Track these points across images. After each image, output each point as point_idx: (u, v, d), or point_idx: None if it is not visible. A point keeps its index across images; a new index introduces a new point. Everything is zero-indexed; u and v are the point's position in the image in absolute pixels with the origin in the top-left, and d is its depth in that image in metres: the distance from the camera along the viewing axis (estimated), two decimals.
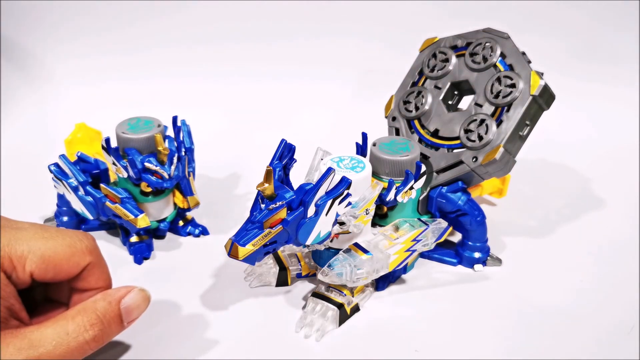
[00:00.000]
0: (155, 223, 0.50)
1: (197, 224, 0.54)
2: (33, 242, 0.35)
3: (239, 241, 0.39)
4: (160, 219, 0.51)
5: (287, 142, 0.43)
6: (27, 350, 0.32)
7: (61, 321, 0.34)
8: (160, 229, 0.51)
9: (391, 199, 0.45)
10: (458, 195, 0.48)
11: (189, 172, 0.51)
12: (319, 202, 0.40)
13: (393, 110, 0.52)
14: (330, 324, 0.43)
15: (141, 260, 0.50)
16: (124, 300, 0.36)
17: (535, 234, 0.55)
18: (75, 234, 0.37)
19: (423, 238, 0.44)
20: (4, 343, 0.32)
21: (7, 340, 0.32)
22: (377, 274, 0.42)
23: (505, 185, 0.57)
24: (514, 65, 0.47)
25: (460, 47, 0.51)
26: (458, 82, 0.50)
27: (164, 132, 0.49)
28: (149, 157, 0.47)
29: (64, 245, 0.35)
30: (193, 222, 0.54)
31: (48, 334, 0.33)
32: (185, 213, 0.53)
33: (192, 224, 0.53)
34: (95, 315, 0.34)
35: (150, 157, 0.48)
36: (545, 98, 0.47)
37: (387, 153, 0.45)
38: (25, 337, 0.33)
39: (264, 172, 0.39)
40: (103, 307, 0.35)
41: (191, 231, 0.53)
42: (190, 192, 0.52)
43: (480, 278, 0.49)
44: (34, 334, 0.33)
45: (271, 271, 0.47)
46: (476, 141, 0.47)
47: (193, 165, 0.52)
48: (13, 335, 0.33)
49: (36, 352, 0.32)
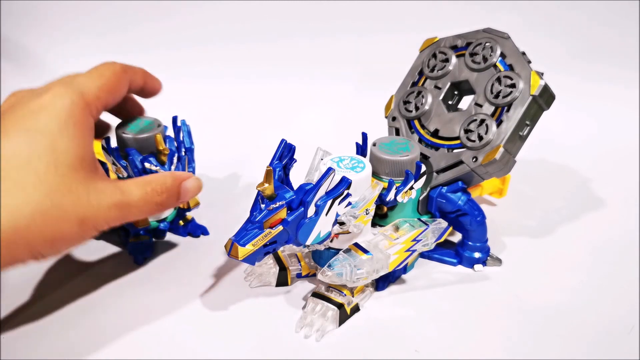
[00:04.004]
0: (155, 223, 0.50)
1: (197, 224, 0.53)
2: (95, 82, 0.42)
3: (239, 241, 0.39)
4: (160, 219, 0.51)
5: (287, 142, 0.43)
6: (120, 196, 0.39)
7: (142, 182, 0.41)
8: (160, 229, 0.51)
9: (391, 199, 0.45)
10: (458, 195, 0.48)
11: (189, 172, 0.51)
12: (319, 202, 0.40)
13: (393, 110, 0.52)
14: (330, 324, 0.43)
15: (141, 260, 0.50)
16: (184, 183, 0.44)
17: (535, 234, 0.55)
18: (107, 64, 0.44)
19: (423, 238, 0.44)
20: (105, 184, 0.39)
21: (105, 184, 0.39)
22: (377, 274, 0.42)
23: (505, 185, 0.57)
24: (514, 65, 0.47)
25: (460, 47, 0.51)
26: (458, 82, 0.50)
27: (164, 132, 0.49)
28: (148, 158, 0.47)
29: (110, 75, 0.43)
30: (193, 223, 0.53)
31: (133, 189, 0.40)
32: (185, 213, 0.53)
33: (192, 224, 0.53)
34: (165, 187, 0.42)
35: (150, 157, 0.47)
36: (545, 98, 0.47)
37: (387, 153, 0.45)
38: (118, 187, 0.40)
39: (264, 172, 0.39)
40: (170, 182, 0.43)
41: (191, 231, 0.53)
42: None
43: (480, 278, 0.49)
44: (125, 185, 0.40)
45: (271, 271, 0.47)
46: (476, 141, 0.47)
47: (193, 165, 0.51)
48: (108, 182, 0.40)
49: (126, 199, 0.40)
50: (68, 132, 0.38)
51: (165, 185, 0.42)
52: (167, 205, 0.43)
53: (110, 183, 0.39)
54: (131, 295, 0.46)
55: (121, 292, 0.46)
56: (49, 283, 0.47)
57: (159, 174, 0.43)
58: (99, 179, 0.39)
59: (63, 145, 0.37)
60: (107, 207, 0.38)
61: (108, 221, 0.39)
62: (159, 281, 0.48)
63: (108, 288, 0.47)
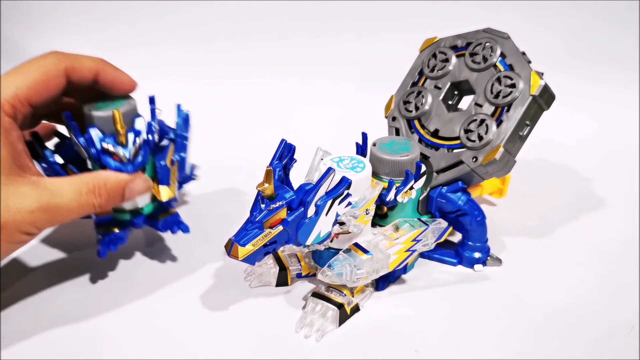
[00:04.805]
0: (128, 215, 0.46)
1: (178, 219, 0.48)
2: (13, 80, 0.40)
3: (239, 241, 0.39)
4: (133, 208, 0.46)
5: (287, 142, 0.43)
6: (48, 198, 0.38)
7: (77, 182, 0.40)
8: (134, 222, 0.46)
9: (391, 199, 0.45)
10: (458, 195, 0.48)
11: (175, 160, 0.47)
12: (319, 202, 0.40)
13: (393, 110, 0.52)
14: (330, 324, 0.43)
15: (104, 253, 0.45)
16: (130, 184, 0.42)
17: (535, 234, 0.55)
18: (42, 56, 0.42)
19: (423, 238, 0.44)
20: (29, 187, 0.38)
21: (28, 186, 0.38)
22: (377, 274, 0.42)
23: (505, 185, 0.57)
24: (514, 65, 0.47)
25: (460, 47, 0.51)
26: (458, 82, 0.50)
27: (134, 110, 0.44)
28: (108, 137, 0.43)
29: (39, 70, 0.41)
30: (173, 217, 0.48)
31: (66, 189, 0.39)
32: (169, 206, 0.47)
33: (171, 219, 0.47)
34: (105, 188, 0.41)
35: (110, 137, 0.43)
36: (545, 98, 0.47)
37: (387, 153, 0.45)
38: (47, 187, 0.38)
39: (264, 172, 0.39)
40: (113, 183, 0.41)
41: (169, 227, 0.47)
42: (166, 181, 0.46)
43: (480, 278, 0.49)
44: (55, 185, 0.39)
45: (271, 271, 0.47)
46: (476, 141, 0.47)
47: (183, 155, 0.48)
48: (34, 182, 0.38)
49: (56, 200, 0.38)
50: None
51: (105, 186, 0.41)
52: (107, 206, 0.41)
53: (37, 185, 0.38)
54: (131, 295, 0.46)
55: (121, 292, 0.46)
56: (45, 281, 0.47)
57: (100, 172, 0.41)
58: (22, 182, 0.38)
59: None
60: (30, 211, 0.37)
61: (35, 224, 0.38)
62: (159, 281, 0.48)
63: (108, 288, 0.47)
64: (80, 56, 0.43)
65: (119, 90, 0.45)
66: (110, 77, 0.44)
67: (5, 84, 0.40)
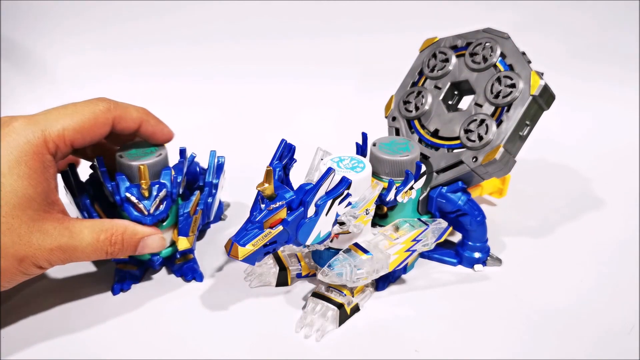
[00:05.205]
0: (147, 255, 0.46)
1: (194, 267, 0.48)
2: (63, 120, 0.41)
3: (239, 241, 0.39)
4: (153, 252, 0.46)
5: (287, 142, 0.43)
6: (67, 240, 0.40)
7: (97, 228, 0.41)
8: (152, 263, 0.46)
9: (391, 199, 0.45)
10: (458, 195, 0.48)
11: (200, 209, 0.47)
12: (319, 202, 0.40)
13: (393, 110, 0.52)
14: (330, 324, 0.43)
15: (117, 291, 0.46)
16: (146, 238, 0.43)
17: (535, 234, 0.55)
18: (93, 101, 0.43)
19: (423, 238, 0.44)
20: (53, 225, 0.39)
21: (53, 224, 0.39)
22: (377, 274, 0.42)
23: (505, 185, 0.57)
24: (514, 65, 0.47)
25: (460, 47, 0.51)
26: (458, 82, 0.50)
27: (164, 160, 0.45)
28: (133, 187, 0.44)
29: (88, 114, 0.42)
30: (190, 264, 0.48)
31: (85, 233, 0.40)
32: (189, 251, 0.48)
33: (188, 266, 0.48)
34: (121, 238, 0.42)
35: (136, 187, 0.44)
36: (545, 98, 0.47)
37: (387, 153, 0.45)
38: (68, 228, 0.40)
39: (264, 172, 0.39)
40: (129, 235, 0.43)
41: (184, 273, 0.48)
42: (185, 232, 0.46)
43: (480, 278, 0.49)
44: (76, 227, 0.40)
45: (271, 271, 0.47)
46: (476, 141, 0.47)
47: (211, 201, 0.48)
48: (58, 221, 0.40)
49: (74, 242, 0.40)
50: (18, 171, 0.38)
51: (121, 236, 0.42)
52: (119, 256, 0.43)
53: (60, 224, 0.39)
54: (131, 295, 0.46)
55: (120, 292, 0.46)
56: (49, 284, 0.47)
57: (120, 222, 0.42)
58: (49, 219, 0.39)
59: (9, 185, 0.38)
60: (49, 249, 0.39)
61: (50, 261, 0.39)
62: (159, 281, 0.48)
63: (108, 288, 0.47)
64: (128, 106, 0.44)
65: (157, 140, 0.46)
66: (152, 129, 0.45)
67: (53, 121, 0.40)
